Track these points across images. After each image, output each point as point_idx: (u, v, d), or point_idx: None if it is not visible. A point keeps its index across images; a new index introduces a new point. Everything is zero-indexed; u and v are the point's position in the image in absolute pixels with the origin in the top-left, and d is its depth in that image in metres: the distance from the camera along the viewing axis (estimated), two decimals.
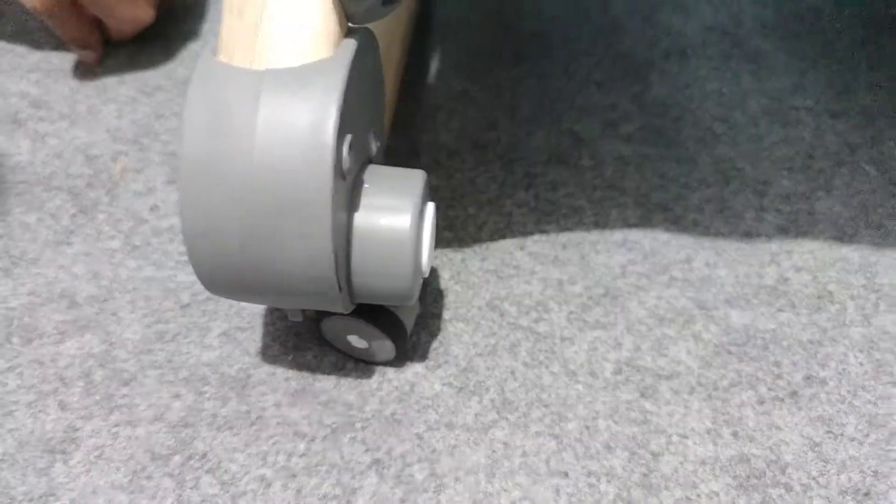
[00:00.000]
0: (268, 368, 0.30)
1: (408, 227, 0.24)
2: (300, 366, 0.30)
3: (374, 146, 0.27)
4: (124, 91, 0.41)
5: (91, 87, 0.41)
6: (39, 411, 0.28)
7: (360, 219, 0.24)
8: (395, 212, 0.24)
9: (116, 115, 0.40)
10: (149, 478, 0.27)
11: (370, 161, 0.27)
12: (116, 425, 0.28)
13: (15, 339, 0.30)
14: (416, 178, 0.25)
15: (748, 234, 0.35)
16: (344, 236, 0.24)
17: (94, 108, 0.40)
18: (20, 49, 0.44)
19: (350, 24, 0.24)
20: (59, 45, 0.44)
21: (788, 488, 0.26)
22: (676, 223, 0.36)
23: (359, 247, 0.24)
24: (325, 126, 0.21)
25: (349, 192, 0.24)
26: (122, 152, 0.38)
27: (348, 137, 0.23)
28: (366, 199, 0.25)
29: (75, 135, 0.39)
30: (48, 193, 0.36)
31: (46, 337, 0.30)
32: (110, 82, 0.42)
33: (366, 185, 0.25)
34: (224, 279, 0.23)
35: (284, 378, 0.29)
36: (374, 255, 0.24)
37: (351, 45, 0.23)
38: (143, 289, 0.32)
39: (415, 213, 0.24)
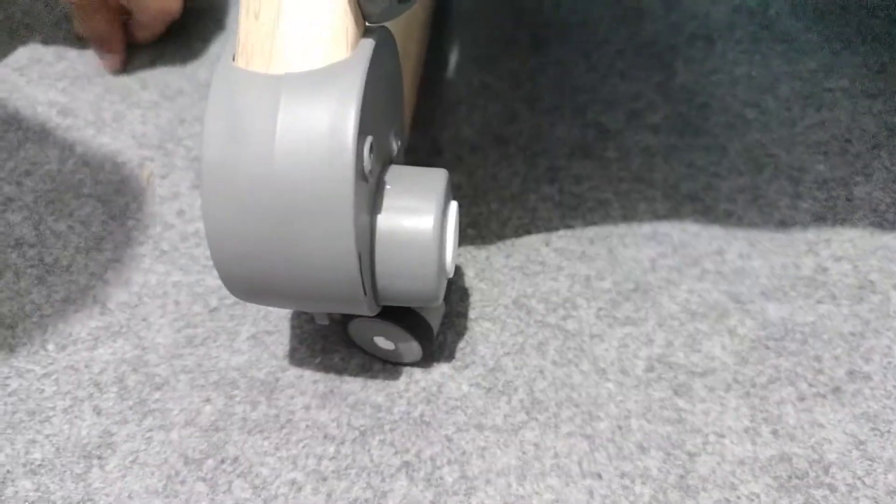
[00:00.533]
0: (296, 371, 0.30)
1: (431, 229, 0.24)
2: (327, 368, 0.30)
3: (395, 146, 0.27)
4: (147, 96, 0.41)
5: (115, 94, 0.42)
6: (76, 417, 0.29)
7: (383, 221, 0.24)
8: (417, 213, 0.24)
9: (141, 121, 0.40)
10: (182, 482, 0.27)
11: (392, 161, 0.26)
12: (150, 430, 0.28)
13: (50, 346, 0.31)
14: (438, 178, 0.25)
15: (783, 224, 0.34)
16: (367, 239, 0.24)
17: (119, 115, 0.40)
18: (47, 58, 0.44)
19: (367, 24, 0.23)
20: (83, 52, 0.44)
21: (833, 489, 0.25)
22: (707, 214, 0.35)
23: (382, 249, 0.24)
24: (344, 129, 0.21)
25: (372, 193, 0.24)
26: (147, 158, 0.38)
27: (369, 139, 0.22)
28: (388, 201, 0.24)
29: (102, 142, 0.39)
30: (78, 201, 0.36)
31: (81, 343, 0.31)
32: (133, 87, 0.42)
33: (388, 187, 0.25)
34: (249, 284, 0.23)
35: (312, 381, 0.29)
36: (398, 256, 0.24)
37: (368, 45, 0.22)
38: (172, 293, 0.32)
39: (437, 214, 0.24)
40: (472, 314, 0.31)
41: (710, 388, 0.28)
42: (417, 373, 0.29)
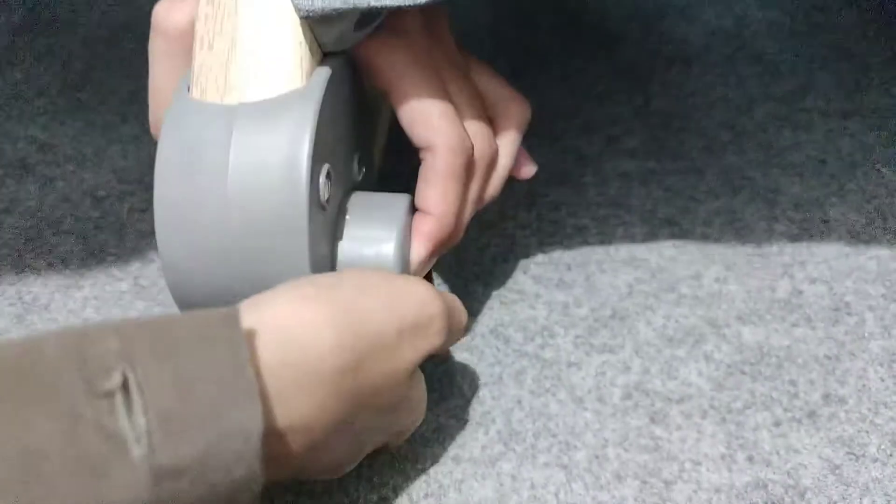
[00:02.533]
0: None
1: (391, 256, 0.24)
2: None
3: (358, 172, 0.26)
4: (128, 130, 0.42)
5: (96, 128, 0.42)
6: None
7: (344, 248, 0.24)
8: (378, 241, 0.24)
9: (122, 156, 0.40)
10: None
11: (356, 187, 0.26)
12: None
13: None
14: (399, 205, 0.25)
15: (759, 246, 0.34)
16: (328, 267, 0.24)
17: (100, 149, 0.41)
18: (28, 94, 0.44)
19: (324, 52, 0.23)
20: (64, 88, 0.45)
21: None
22: (684, 238, 0.35)
23: None
24: (298, 158, 0.21)
25: (332, 221, 0.24)
26: (128, 193, 0.38)
27: (325, 167, 0.22)
28: (349, 229, 0.24)
29: (83, 177, 0.39)
30: (57, 238, 0.36)
31: None
32: (114, 121, 0.42)
33: (349, 214, 0.25)
34: None
35: None
36: None
37: (324, 73, 0.22)
38: None
39: (398, 241, 0.24)
40: None
41: (686, 415, 0.28)
42: None
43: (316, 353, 0.18)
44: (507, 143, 0.28)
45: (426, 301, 0.22)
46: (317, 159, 0.22)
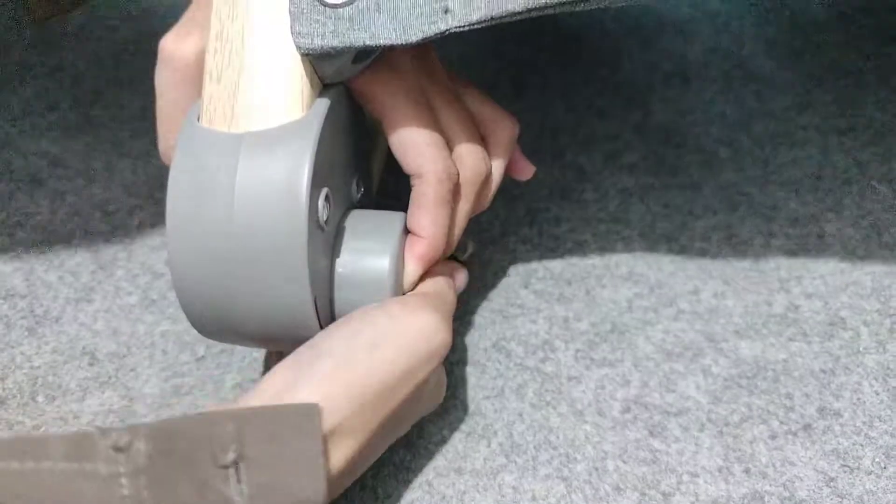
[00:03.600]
0: None
1: (386, 269, 0.25)
2: None
3: (357, 193, 0.28)
4: (138, 145, 0.42)
5: (106, 143, 0.43)
6: None
7: (341, 264, 0.26)
8: (373, 254, 0.26)
9: (131, 171, 0.41)
10: None
11: (353, 206, 0.28)
12: None
13: (40, 398, 0.31)
14: (394, 221, 0.26)
15: (756, 262, 0.35)
16: (326, 282, 0.25)
17: (110, 164, 0.41)
18: (39, 109, 0.45)
19: (324, 83, 0.25)
20: (75, 103, 0.46)
21: None
22: (682, 253, 0.36)
23: (341, 290, 0.26)
24: (298, 183, 0.23)
25: (330, 239, 0.25)
26: (137, 207, 0.39)
27: (324, 191, 0.24)
28: (346, 245, 0.26)
29: (93, 192, 0.40)
30: (68, 251, 0.37)
31: (70, 394, 0.31)
32: (124, 137, 0.43)
33: (347, 232, 0.26)
34: (215, 327, 0.25)
35: None
36: (356, 296, 0.26)
37: (323, 104, 0.24)
38: (160, 343, 0.33)
39: (393, 255, 0.25)
40: (452, 358, 0.32)
41: (684, 428, 0.29)
42: None
43: (348, 427, 0.23)
44: (498, 159, 0.30)
45: (432, 332, 0.24)
46: (316, 184, 0.23)
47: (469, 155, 0.28)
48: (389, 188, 0.33)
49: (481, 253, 0.36)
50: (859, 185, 0.39)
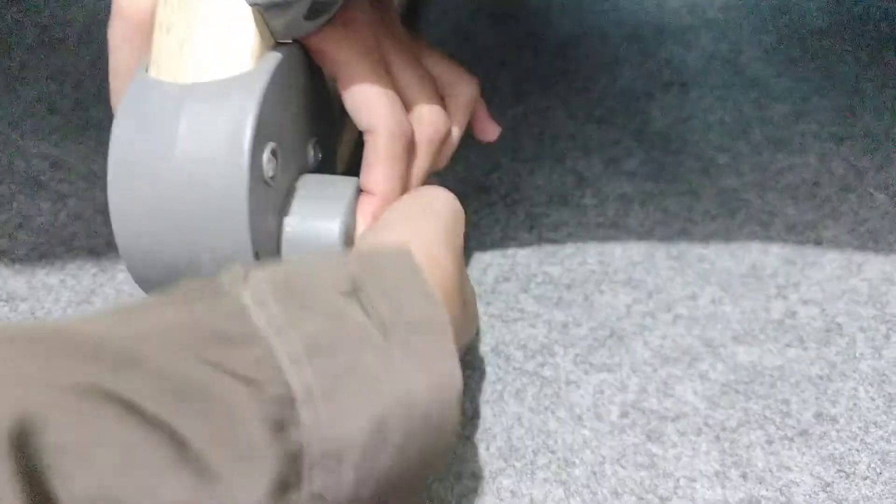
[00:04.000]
0: None
1: (336, 233, 0.25)
2: None
3: (314, 157, 0.28)
4: None
5: (108, 146, 0.43)
6: None
7: (290, 223, 0.25)
8: (324, 216, 0.25)
9: None
10: None
11: (309, 170, 0.28)
12: None
13: None
14: (346, 186, 0.26)
15: (754, 268, 0.35)
16: (273, 240, 0.25)
17: None
18: (41, 112, 0.46)
19: (277, 40, 0.25)
20: (76, 106, 0.46)
21: None
22: (680, 259, 0.36)
23: (289, 250, 0.25)
24: (241, 135, 0.23)
25: (279, 198, 0.25)
26: None
27: (269, 145, 0.24)
28: (296, 205, 0.26)
29: (94, 195, 0.40)
30: (70, 254, 0.37)
31: None
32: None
33: (297, 192, 0.26)
34: (155, 278, 0.25)
35: None
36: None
37: (273, 57, 0.24)
38: None
39: (344, 217, 0.25)
40: None
41: (681, 433, 0.29)
42: None
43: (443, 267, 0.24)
44: (458, 118, 0.30)
45: (450, 198, 0.26)
46: (260, 138, 0.23)
47: (428, 113, 0.28)
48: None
49: (481, 258, 0.36)
50: (857, 193, 0.39)
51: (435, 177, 0.40)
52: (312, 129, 0.28)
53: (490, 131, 0.33)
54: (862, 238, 0.37)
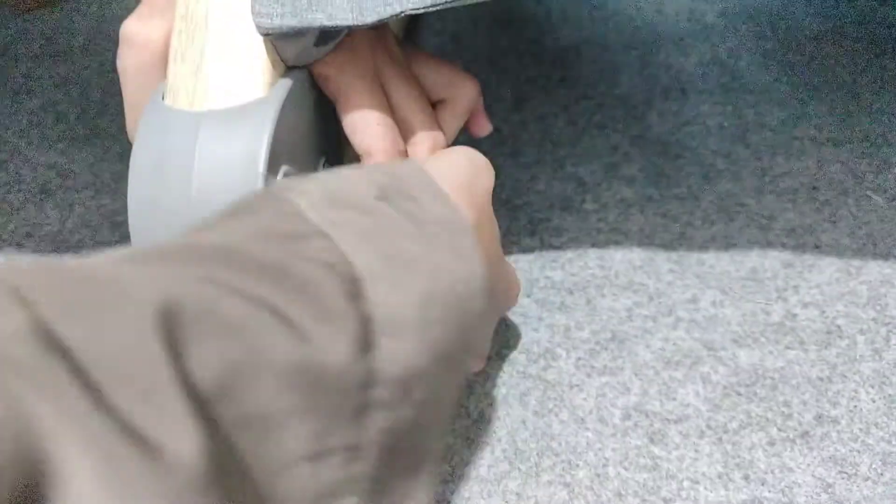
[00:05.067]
0: None
1: None
2: None
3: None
4: None
5: (114, 154, 0.43)
6: None
7: None
8: None
9: None
10: None
11: None
12: None
13: None
14: None
15: (754, 271, 0.36)
16: None
17: (118, 175, 0.42)
18: (47, 121, 0.46)
19: (287, 66, 0.26)
20: (82, 115, 0.46)
21: None
22: (681, 263, 0.36)
23: None
24: (255, 161, 0.24)
25: None
26: None
27: (283, 169, 0.25)
28: None
29: (101, 203, 0.40)
30: None
31: None
32: (130, 148, 0.44)
33: None
34: None
35: None
36: None
37: (285, 84, 0.25)
38: None
39: None
40: None
41: (684, 435, 0.29)
42: None
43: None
44: (455, 119, 0.31)
45: (474, 154, 0.27)
46: (274, 162, 0.24)
47: (420, 131, 0.29)
48: None
49: None
50: (855, 196, 0.39)
51: None
52: (322, 149, 0.29)
53: (483, 127, 0.34)
54: (861, 241, 0.37)
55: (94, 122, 0.46)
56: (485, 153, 0.43)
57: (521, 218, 0.39)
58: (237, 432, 0.15)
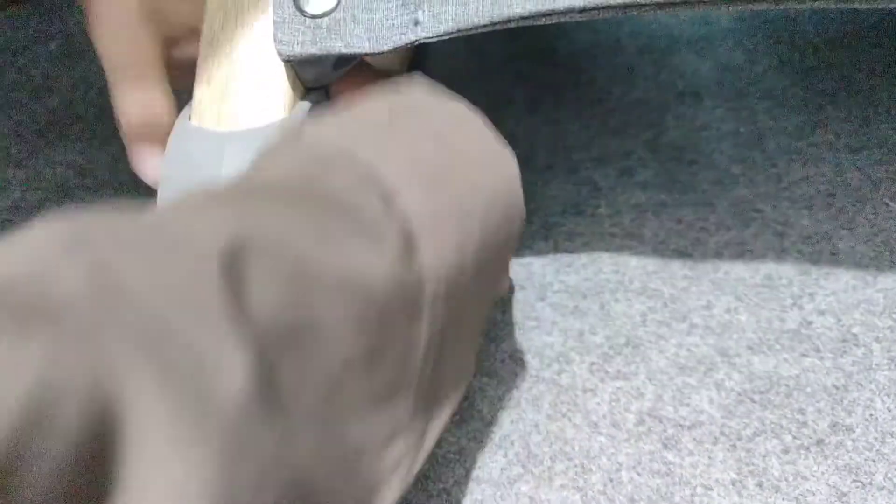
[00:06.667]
0: None
1: None
2: None
3: None
4: None
5: None
6: None
7: None
8: None
9: None
10: None
11: None
12: None
13: None
14: None
15: (769, 278, 0.36)
16: None
17: (136, 175, 0.42)
18: (66, 120, 0.47)
19: (308, 87, 0.27)
20: (101, 114, 0.47)
21: None
22: (695, 269, 0.36)
23: None
24: None
25: None
26: None
27: None
28: None
29: (119, 202, 0.41)
30: None
31: None
32: None
33: None
34: None
35: None
36: None
37: (304, 107, 0.26)
38: None
39: None
40: None
41: (697, 441, 0.29)
42: None
43: None
44: None
45: (494, 137, 0.28)
46: None
47: None
48: None
49: None
50: (872, 203, 0.39)
51: None
52: None
53: None
54: (878, 248, 0.37)
55: (112, 121, 0.46)
56: None
57: (535, 222, 0.39)
58: (291, 353, 0.16)
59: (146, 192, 0.41)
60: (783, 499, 0.27)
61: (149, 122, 0.28)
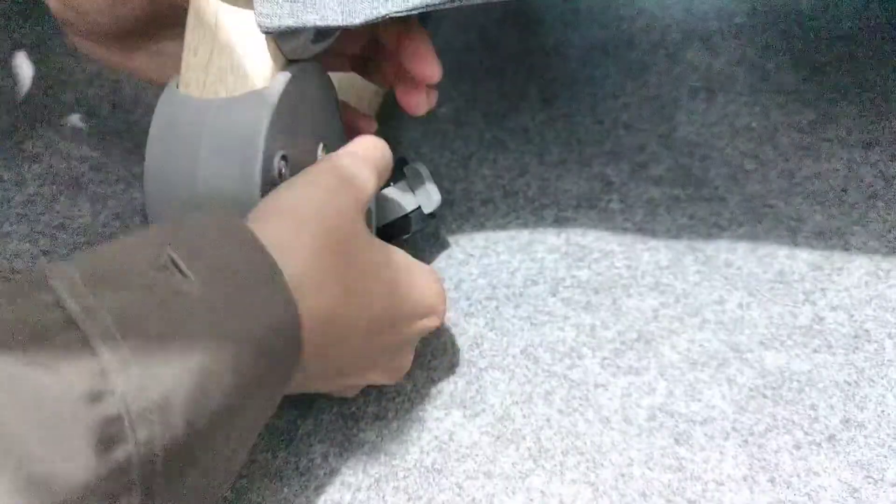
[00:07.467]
0: (314, 420, 0.31)
1: None
2: (344, 417, 0.31)
3: (321, 158, 0.31)
4: None
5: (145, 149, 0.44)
6: None
7: None
8: None
9: None
10: None
11: None
12: None
13: None
14: None
15: (781, 273, 0.36)
16: None
17: None
18: (80, 114, 0.47)
19: (289, 59, 0.29)
20: (115, 108, 0.47)
21: None
22: (708, 264, 0.36)
23: None
24: (255, 143, 0.26)
25: None
26: None
27: (280, 153, 0.27)
28: None
29: (133, 196, 0.41)
30: None
31: None
32: None
33: None
34: None
35: (330, 430, 0.31)
36: None
37: (284, 77, 0.28)
38: None
39: None
40: (482, 363, 0.33)
41: (709, 437, 0.29)
42: (430, 421, 0.31)
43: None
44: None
45: (341, 169, 0.27)
46: (271, 146, 0.27)
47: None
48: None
49: (510, 262, 0.37)
50: (885, 199, 0.39)
51: (463, 182, 0.40)
52: (321, 134, 0.31)
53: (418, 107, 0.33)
54: (890, 244, 0.37)
55: (126, 116, 0.47)
56: (511, 152, 0.43)
57: (548, 217, 0.39)
58: None
59: None
60: (794, 494, 0.27)
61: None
